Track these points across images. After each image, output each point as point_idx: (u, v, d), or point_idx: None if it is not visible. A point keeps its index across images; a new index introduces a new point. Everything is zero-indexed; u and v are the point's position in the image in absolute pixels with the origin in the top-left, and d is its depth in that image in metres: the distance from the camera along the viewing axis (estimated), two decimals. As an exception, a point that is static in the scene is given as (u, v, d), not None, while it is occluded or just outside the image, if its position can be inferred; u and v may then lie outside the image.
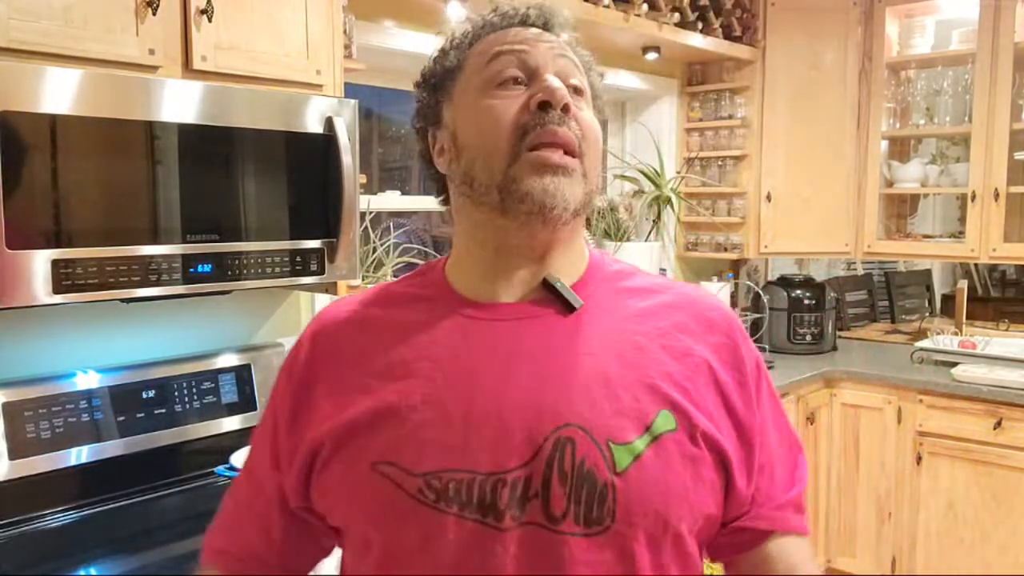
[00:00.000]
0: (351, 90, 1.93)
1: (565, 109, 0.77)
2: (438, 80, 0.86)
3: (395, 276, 2.26)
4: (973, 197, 3.06)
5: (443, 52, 0.86)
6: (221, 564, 0.90)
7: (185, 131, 1.49)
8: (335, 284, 1.83)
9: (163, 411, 1.77)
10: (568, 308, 0.81)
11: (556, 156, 0.76)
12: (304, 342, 0.88)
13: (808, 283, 3.44)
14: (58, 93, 1.33)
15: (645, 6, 2.69)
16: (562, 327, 0.81)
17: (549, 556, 0.72)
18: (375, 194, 2.46)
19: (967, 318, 3.49)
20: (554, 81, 0.78)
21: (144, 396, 1.75)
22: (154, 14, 1.49)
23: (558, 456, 0.73)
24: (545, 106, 0.77)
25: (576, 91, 0.81)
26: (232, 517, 0.92)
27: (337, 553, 0.89)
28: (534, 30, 0.83)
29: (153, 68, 1.51)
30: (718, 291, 3.29)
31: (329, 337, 0.86)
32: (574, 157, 0.78)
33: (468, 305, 0.83)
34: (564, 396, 0.76)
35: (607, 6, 2.57)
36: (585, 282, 0.85)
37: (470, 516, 0.73)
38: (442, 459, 0.74)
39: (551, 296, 0.82)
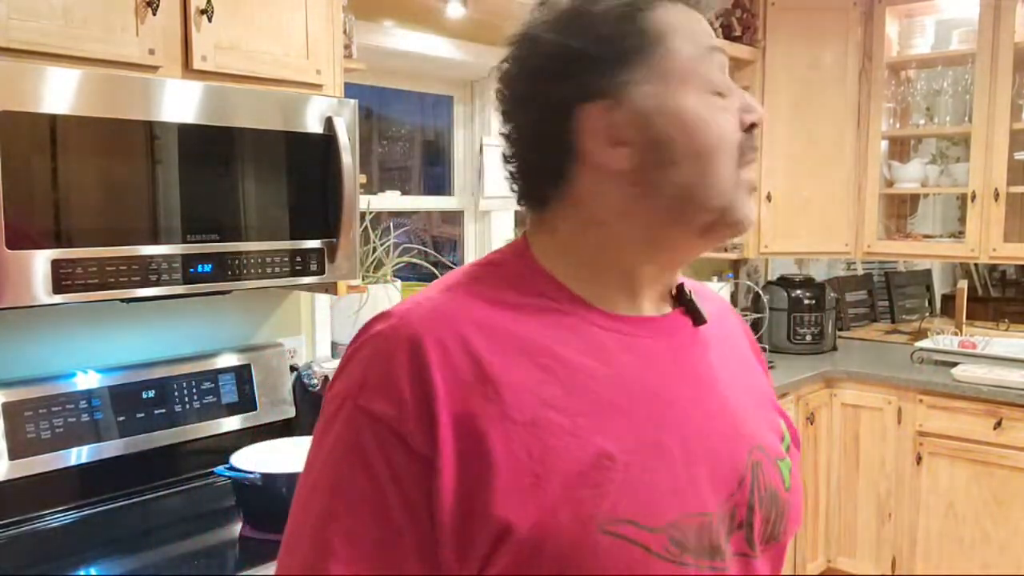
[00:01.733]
0: (351, 90, 1.93)
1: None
2: (613, 43, 0.68)
3: (395, 276, 2.27)
4: (973, 197, 3.06)
5: (624, 7, 0.69)
6: None
7: (185, 131, 1.48)
8: (335, 284, 1.83)
9: (163, 411, 1.77)
10: (699, 321, 0.76)
11: (754, 176, 0.72)
12: (424, 367, 0.61)
13: (808, 283, 3.44)
14: (58, 93, 1.33)
15: (645, 6, 2.68)
16: (703, 341, 0.75)
17: None
18: (375, 194, 2.46)
19: (967, 318, 3.49)
20: (755, 100, 0.72)
21: (144, 396, 1.75)
22: (154, 14, 1.48)
23: (755, 481, 0.71)
24: (752, 128, 0.71)
25: None
26: None
27: None
28: (696, 14, 0.72)
29: (153, 68, 1.51)
30: (718, 291, 3.29)
31: (468, 354, 0.63)
32: None
33: (614, 319, 0.70)
34: (743, 417, 0.73)
35: (607, 6, 2.56)
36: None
37: (705, 563, 0.65)
38: (677, 505, 0.64)
39: (685, 309, 0.76)
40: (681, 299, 0.76)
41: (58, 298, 1.35)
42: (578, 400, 0.64)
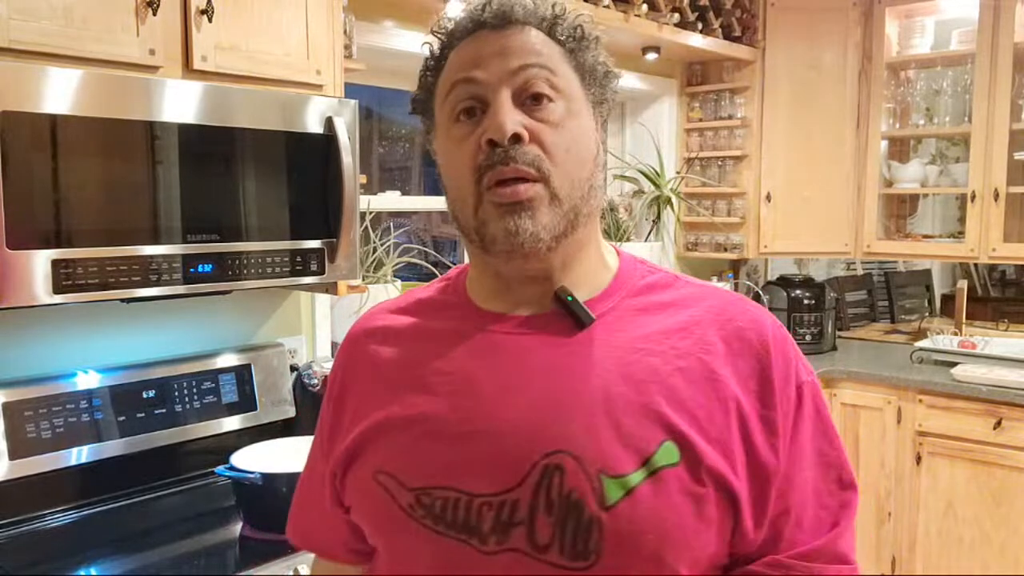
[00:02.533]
0: (351, 90, 1.93)
1: (516, 139, 0.74)
2: (423, 106, 0.85)
3: (395, 276, 2.27)
4: (973, 197, 3.06)
5: (422, 75, 0.85)
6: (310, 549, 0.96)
7: (185, 131, 1.49)
8: (335, 284, 1.83)
9: (163, 411, 1.77)
10: (579, 324, 0.78)
11: (509, 192, 0.74)
12: (339, 354, 0.91)
13: (808, 283, 3.44)
14: (58, 93, 1.33)
15: (645, 6, 2.69)
16: (570, 344, 0.77)
17: None
18: (375, 194, 2.46)
19: (967, 318, 3.49)
20: (499, 115, 0.74)
21: (144, 396, 1.75)
22: (154, 14, 1.49)
23: (545, 484, 0.71)
24: (494, 143, 0.74)
25: (539, 98, 0.76)
26: (305, 509, 0.95)
27: None
28: (494, 37, 0.78)
29: (153, 68, 1.51)
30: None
31: (357, 349, 0.89)
32: (536, 182, 0.74)
33: (482, 316, 0.82)
34: (561, 419, 0.73)
35: (607, 6, 2.57)
36: (607, 295, 0.81)
37: (453, 535, 0.73)
38: (435, 476, 0.75)
39: (563, 311, 0.79)
40: (562, 303, 0.79)
41: (58, 298, 1.35)
42: (403, 379, 0.81)
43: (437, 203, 2.84)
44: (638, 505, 0.69)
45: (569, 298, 0.79)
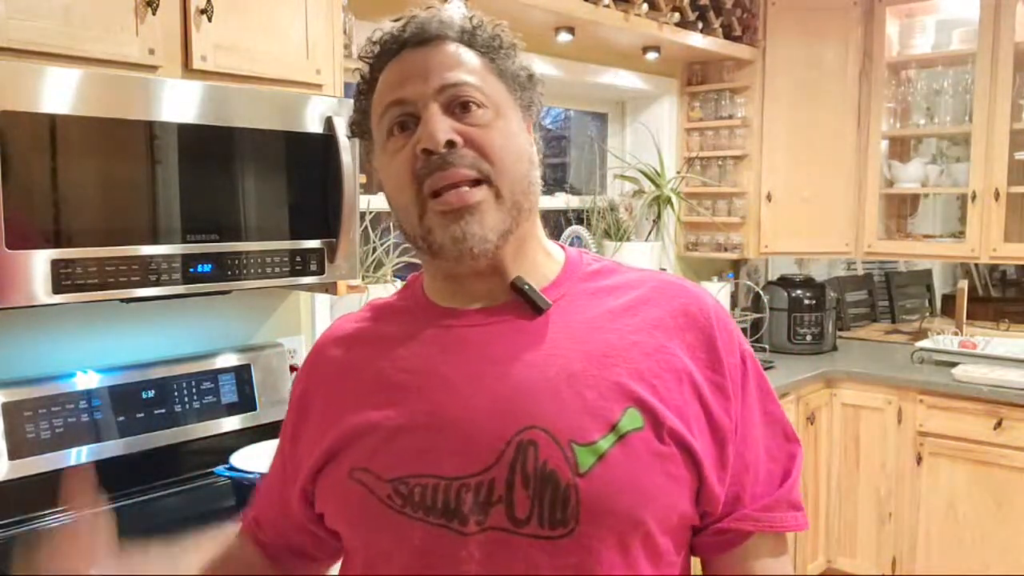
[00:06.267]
0: (351, 90, 1.92)
1: (451, 145, 0.76)
2: (361, 128, 0.87)
3: (395, 276, 2.27)
4: (973, 197, 3.06)
5: (356, 98, 0.87)
6: (251, 531, 0.99)
7: (185, 131, 1.48)
8: (335, 284, 1.83)
9: (163, 411, 1.77)
10: (537, 310, 0.82)
11: (454, 197, 0.76)
12: (305, 363, 0.94)
13: (808, 283, 3.44)
14: (58, 93, 1.33)
15: (645, 6, 2.69)
16: (530, 330, 0.81)
17: (513, 560, 0.73)
18: (375, 194, 2.46)
19: (967, 318, 3.49)
20: (430, 124, 0.77)
21: (144, 396, 1.75)
22: (154, 14, 1.48)
23: (520, 459, 0.74)
24: (429, 152, 0.77)
25: (467, 106, 0.79)
26: (264, 495, 1.00)
27: None
28: (417, 55, 0.81)
29: (153, 68, 1.51)
30: (718, 291, 3.29)
31: (323, 358, 0.91)
32: (478, 184, 0.77)
33: (442, 314, 0.85)
34: (528, 398, 0.76)
35: (607, 6, 2.57)
36: (558, 284, 0.85)
37: (435, 521, 0.75)
38: (410, 465, 0.77)
39: (520, 299, 0.82)
40: (518, 292, 0.83)
41: (58, 298, 1.35)
42: (370, 382, 0.83)
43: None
44: (611, 468, 0.74)
45: (526, 287, 0.82)
